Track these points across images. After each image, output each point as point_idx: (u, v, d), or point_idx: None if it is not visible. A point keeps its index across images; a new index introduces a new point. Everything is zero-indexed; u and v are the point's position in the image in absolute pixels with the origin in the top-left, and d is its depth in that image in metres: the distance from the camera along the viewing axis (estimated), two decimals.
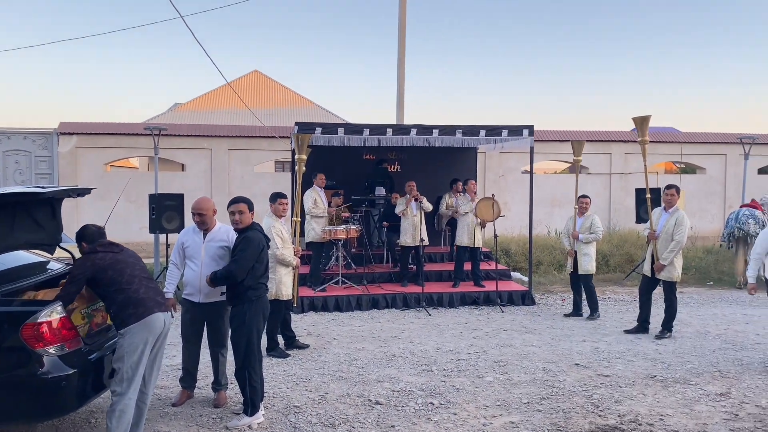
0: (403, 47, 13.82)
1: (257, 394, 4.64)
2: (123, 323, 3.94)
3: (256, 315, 4.65)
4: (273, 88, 31.94)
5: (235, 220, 4.63)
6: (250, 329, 4.60)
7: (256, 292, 4.65)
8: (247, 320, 4.58)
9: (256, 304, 4.64)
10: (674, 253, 7.24)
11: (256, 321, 4.65)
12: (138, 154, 17.07)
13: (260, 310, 4.69)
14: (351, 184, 11.49)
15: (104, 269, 3.98)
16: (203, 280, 4.74)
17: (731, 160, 17.96)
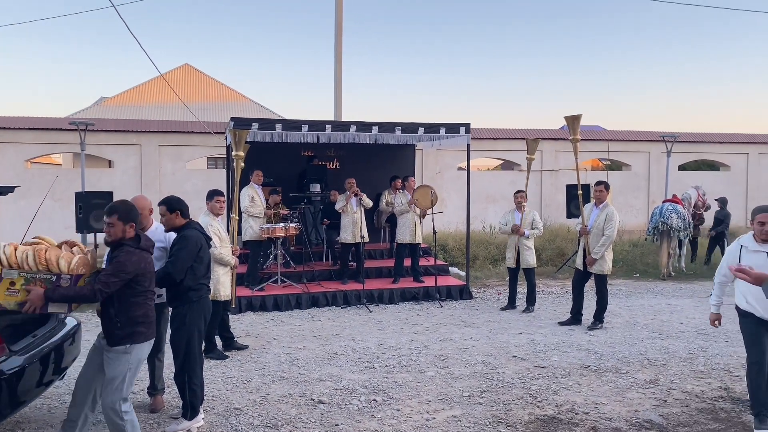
0: (340, 43, 13.75)
1: (197, 398, 4.50)
2: (131, 339, 3.68)
3: (197, 316, 4.50)
4: (204, 82, 31.14)
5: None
6: (191, 331, 4.45)
7: (198, 293, 4.50)
8: (187, 321, 4.43)
9: (197, 305, 4.49)
10: (605, 248, 7.52)
11: (197, 322, 4.50)
12: (61, 150, 16.29)
13: (201, 311, 4.55)
14: (289, 181, 11.35)
15: (147, 273, 3.73)
16: None
17: (654, 157, 18.85)
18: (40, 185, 14.41)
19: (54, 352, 4.20)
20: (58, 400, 5.07)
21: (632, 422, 4.61)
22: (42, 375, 4.02)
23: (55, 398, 5.10)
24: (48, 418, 4.68)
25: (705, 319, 8.19)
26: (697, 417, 4.72)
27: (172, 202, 4.50)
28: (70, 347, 4.44)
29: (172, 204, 4.48)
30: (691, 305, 9.13)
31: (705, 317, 8.29)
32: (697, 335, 7.28)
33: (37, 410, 4.83)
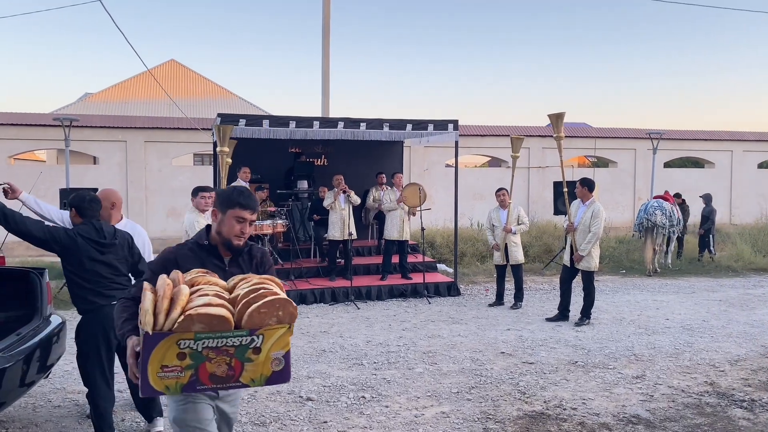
0: (328, 39, 13.72)
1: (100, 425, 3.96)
2: None
3: (81, 331, 3.99)
4: (191, 78, 30.90)
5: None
6: (81, 348, 3.98)
7: (84, 306, 3.99)
8: (79, 337, 3.99)
9: (84, 317, 4.01)
10: (591, 244, 7.56)
11: (84, 338, 3.98)
12: (45, 147, 16.11)
13: (85, 325, 4.00)
14: (276, 178, 11.31)
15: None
16: None
17: (640, 154, 19.00)
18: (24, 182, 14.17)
19: (39, 350, 4.15)
20: (43, 399, 5.01)
21: (619, 417, 4.64)
22: (26, 374, 3.96)
23: (40, 397, 5.04)
24: (33, 417, 4.62)
25: (690, 314, 8.27)
26: (684, 411, 4.76)
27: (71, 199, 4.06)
28: (55, 345, 4.38)
29: (69, 201, 4.08)
30: (676, 301, 9.21)
31: (690, 313, 8.37)
32: (682, 331, 7.34)
33: (21, 409, 4.77)
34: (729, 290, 10.16)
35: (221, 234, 2.66)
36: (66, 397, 5.09)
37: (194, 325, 2.13)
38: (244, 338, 2.22)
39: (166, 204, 15.35)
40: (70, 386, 5.33)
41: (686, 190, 14.98)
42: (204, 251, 2.69)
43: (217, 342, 2.18)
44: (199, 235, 2.74)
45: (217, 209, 2.69)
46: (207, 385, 2.22)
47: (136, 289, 2.55)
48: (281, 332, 2.28)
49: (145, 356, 2.13)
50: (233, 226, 2.64)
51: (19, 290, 4.55)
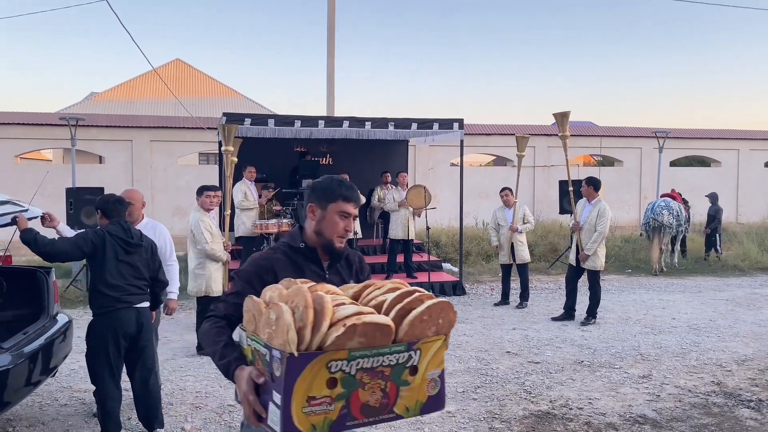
0: (333, 38, 13.71)
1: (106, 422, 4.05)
2: None
3: (92, 332, 4.06)
4: (196, 77, 30.99)
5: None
6: (90, 347, 4.06)
7: (98, 307, 4.02)
8: (89, 337, 4.05)
9: (95, 319, 4.05)
10: (597, 244, 7.53)
11: (94, 338, 4.04)
12: (52, 146, 16.19)
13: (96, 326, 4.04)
14: (282, 177, 11.32)
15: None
16: None
17: (646, 152, 18.93)
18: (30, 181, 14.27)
19: (45, 349, 4.16)
20: (50, 397, 5.03)
21: (626, 417, 4.62)
22: (33, 373, 3.98)
23: (46, 396, 5.06)
24: (39, 416, 4.64)
25: (697, 314, 8.24)
26: (690, 411, 4.74)
27: (97, 201, 4.21)
28: (61, 344, 4.40)
29: (96, 204, 4.19)
30: (683, 300, 9.18)
31: (697, 312, 8.34)
32: (689, 330, 7.31)
33: (28, 408, 4.79)
34: (736, 289, 10.11)
35: (322, 234, 2.24)
36: (72, 395, 5.10)
37: (353, 339, 1.66)
38: (402, 355, 1.77)
39: (171, 203, 15.38)
40: (77, 385, 5.35)
41: (692, 189, 14.94)
42: (300, 255, 2.26)
43: (372, 361, 1.71)
44: (293, 237, 2.32)
45: (315, 204, 2.26)
46: (359, 419, 1.74)
47: (224, 305, 2.14)
48: (437, 345, 1.87)
49: (287, 386, 1.63)
50: (336, 223, 2.22)
51: (26, 289, 4.57)
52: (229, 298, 2.15)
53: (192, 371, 5.74)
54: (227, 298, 2.16)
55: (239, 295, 2.04)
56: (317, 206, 2.25)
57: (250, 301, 1.87)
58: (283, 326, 1.66)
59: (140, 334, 4.07)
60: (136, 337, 4.06)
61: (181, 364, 5.96)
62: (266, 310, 1.76)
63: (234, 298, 2.11)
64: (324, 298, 1.72)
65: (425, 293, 1.88)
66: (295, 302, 1.73)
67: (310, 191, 2.32)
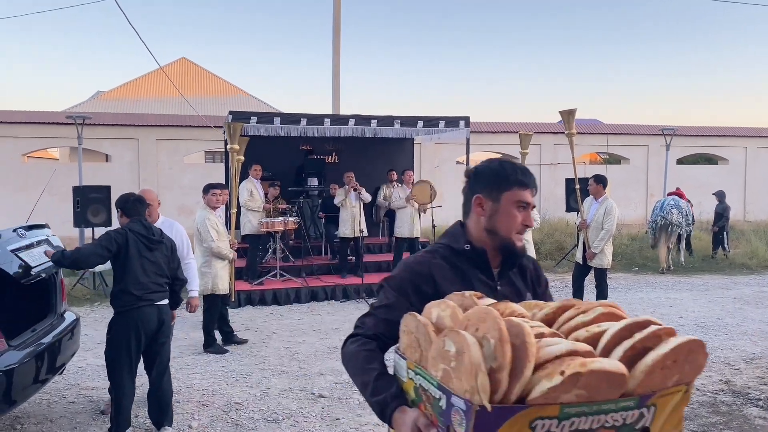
0: (338, 36, 13.71)
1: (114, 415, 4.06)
2: None
3: (117, 328, 4.07)
4: (202, 75, 31.03)
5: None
6: (111, 343, 4.06)
7: (121, 305, 4.04)
8: (111, 332, 4.06)
9: (119, 316, 4.06)
10: (604, 242, 7.50)
11: (117, 335, 4.05)
12: (58, 144, 16.23)
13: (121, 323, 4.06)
14: (288, 175, 11.33)
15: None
16: None
17: (653, 150, 18.83)
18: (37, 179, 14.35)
19: (53, 347, 4.18)
20: (58, 395, 5.05)
21: None
22: (40, 371, 3.99)
23: (54, 393, 5.08)
24: (47, 413, 4.66)
25: (704, 312, 8.20)
26: (698, 410, 4.72)
27: (117, 200, 4.25)
28: (68, 342, 4.41)
29: (116, 203, 4.24)
30: (690, 299, 9.13)
31: (704, 311, 8.30)
32: (696, 328, 7.28)
33: (36, 405, 4.81)
34: (743, 288, 10.06)
35: (496, 231, 1.77)
36: (80, 393, 5.12)
37: (571, 391, 1.20)
38: (631, 413, 1.28)
39: (177, 201, 15.40)
40: (84, 382, 5.37)
41: (700, 187, 14.87)
42: (465, 260, 1.79)
43: (591, 421, 1.24)
44: (454, 236, 1.85)
45: (484, 194, 1.80)
46: None
47: (372, 320, 1.73)
48: (677, 399, 1.37)
49: None
50: (515, 216, 1.77)
51: (34, 287, 4.58)
52: (379, 312, 1.73)
53: (199, 369, 5.75)
54: (376, 312, 1.74)
55: (390, 309, 1.69)
56: (486, 197, 1.79)
57: (411, 320, 1.46)
58: (468, 366, 1.23)
59: (160, 332, 4.14)
60: (156, 335, 4.11)
61: (188, 362, 5.97)
62: (439, 337, 1.34)
63: (384, 312, 1.71)
64: (524, 328, 1.27)
65: (663, 326, 1.35)
66: (481, 331, 1.29)
67: (474, 179, 1.85)
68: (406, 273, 1.76)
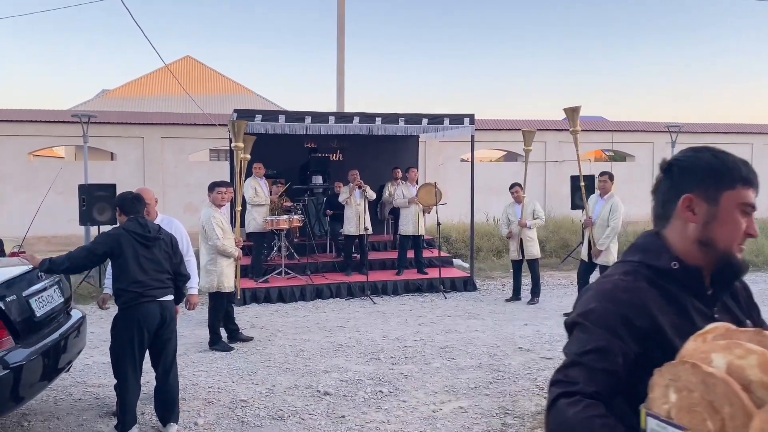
0: (343, 34, 13.70)
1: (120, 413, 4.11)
2: None
3: (120, 323, 4.11)
4: (206, 74, 31.05)
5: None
6: (116, 339, 4.10)
7: (125, 300, 4.05)
8: (115, 328, 4.10)
9: (122, 312, 4.08)
10: (610, 239, 7.49)
11: (121, 330, 4.09)
12: (64, 143, 16.27)
13: (124, 319, 4.08)
14: (292, 173, 11.33)
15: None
16: None
17: (659, 147, 18.76)
18: (43, 178, 14.40)
19: (60, 345, 4.19)
20: (64, 392, 5.07)
21: None
22: (47, 368, 4.00)
23: (61, 390, 5.10)
24: (54, 410, 4.68)
25: None
26: None
27: (115, 199, 4.32)
28: (75, 340, 4.43)
29: (114, 202, 4.37)
30: None
31: None
32: None
33: (43, 402, 4.83)
34: (750, 285, 9.97)
35: (712, 243, 1.40)
36: (87, 390, 5.14)
37: None
38: None
39: (182, 200, 15.43)
40: (91, 380, 5.39)
41: None
42: (673, 282, 1.40)
43: None
44: (653, 252, 1.44)
45: (698, 194, 1.40)
46: None
47: (584, 374, 1.25)
48: None
49: None
50: (738, 223, 1.42)
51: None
52: (589, 360, 1.27)
53: (204, 366, 5.76)
54: (585, 360, 1.27)
55: (605, 354, 1.27)
56: (702, 197, 1.39)
57: (693, 373, 1.06)
58: None
59: (164, 328, 4.15)
60: (159, 331, 4.13)
61: (194, 360, 5.99)
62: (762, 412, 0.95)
63: (598, 360, 1.27)
64: None
65: None
66: None
67: (679, 174, 1.44)
68: (611, 305, 1.33)
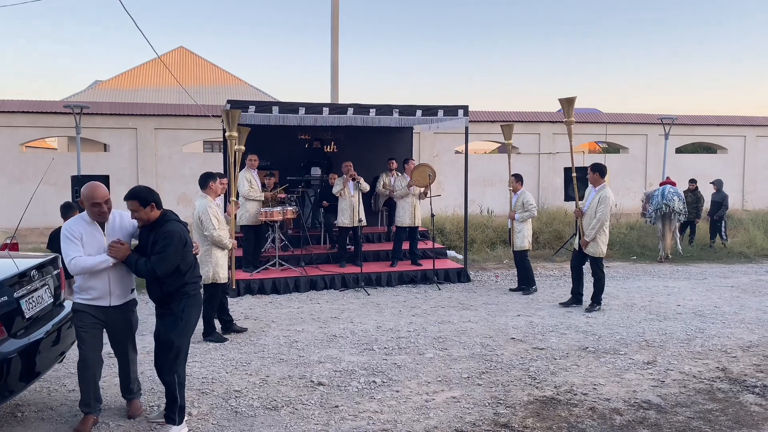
0: (337, 25, 13.65)
1: (185, 399, 4.22)
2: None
3: (196, 311, 4.22)
4: (200, 65, 30.87)
5: (134, 218, 4.05)
6: (189, 327, 4.15)
7: (194, 286, 4.17)
8: (184, 317, 4.08)
9: (194, 299, 4.15)
10: (596, 230, 7.52)
11: (195, 318, 4.21)
12: (56, 134, 16.17)
13: (198, 305, 4.23)
14: (286, 164, 11.31)
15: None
16: (114, 281, 4.04)
17: (652, 139, 18.82)
18: (35, 169, 14.34)
19: (53, 335, 4.19)
20: (58, 383, 5.07)
21: (630, 403, 4.64)
22: (40, 359, 4.00)
23: (54, 381, 5.10)
24: (48, 401, 4.68)
25: (702, 300, 8.23)
26: (695, 397, 4.75)
27: (143, 194, 3.96)
28: (68, 330, 4.42)
29: (144, 197, 3.95)
30: (688, 287, 9.16)
31: (702, 299, 8.33)
32: (694, 317, 7.31)
33: (36, 393, 4.83)
34: (741, 276, 10.09)
35: None
36: None
37: None
38: None
39: (177, 191, 15.41)
40: None
41: (698, 176, 14.86)
42: None
43: None
44: None
45: None
46: None
47: None
48: None
49: None
50: None
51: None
52: None
53: (198, 357, 5.77)
54: None
55: None
56: None
57: None
58: None
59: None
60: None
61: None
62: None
63: None
64: None
65: None
66: None
67: None
68: None
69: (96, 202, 3.96)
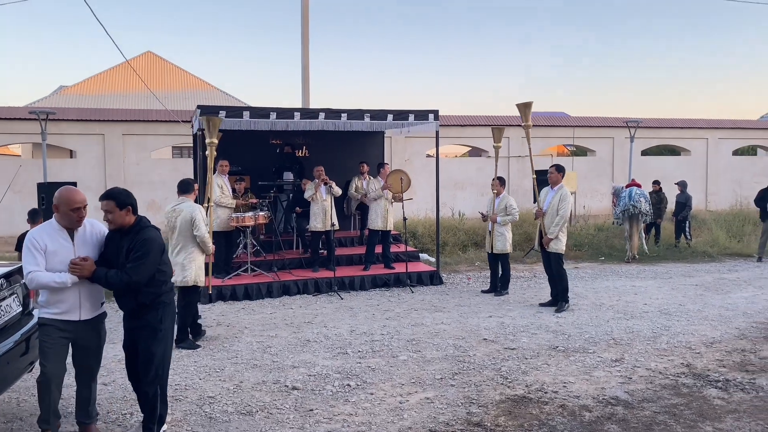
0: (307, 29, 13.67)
1: (166, 409, 4.17)
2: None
3: (172, 319, 4.15)
4: (168, 69, 30.52)
5: (107, 219, 3.83)
6: (168, 335, 4.06)
7: (169, 295, 4.06)
8: (164, 327, 3.97)
9: (170, 307, 4.05)
10: (559, 227, 7.73)
11: (172, 325, 4.15)
12: (20, 141, 15.87)
13: (174, 312, 4.17)
14: (257, 169, 11.27)
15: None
16: (84, 294, 3.85)
17: (618, 142, 19.22)
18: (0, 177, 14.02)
19: (21, 345, 4.13)
20: (27, 393, 4.99)
21: (599, 399, 4.75)
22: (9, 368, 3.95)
23: (23, 391, 5.01)
24: (17, 411, 4.61)
25: (667, 299, 8.45)
26: (661, 393, 4.89)
27: (122, 196, 3.82)
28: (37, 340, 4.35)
29: (123, 199, 3.82)
30: (654, 286, 9.39)
31: (667, 298, 8.55)
32: (660, 315, 7.50)
33: (5, 404, 4.75)
34: (705, 275, 10.37)
35: None
36: None
37: None
38: None
39: (146, 197, 15.19)
40: None
41: (663, 178, 15.21)
42: None
43: None
44: None
45: None
46: None
47: None
48: None
49: None
50: None
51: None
52: None
53: (171, 364, 5.72)
54: None
55: None
56: None
57: None
58: None
59: None
60: None
61: None
62: None
63: None
64: None
65: None
66: None
67: None
68: None
69: (76, 207, 3.77)
